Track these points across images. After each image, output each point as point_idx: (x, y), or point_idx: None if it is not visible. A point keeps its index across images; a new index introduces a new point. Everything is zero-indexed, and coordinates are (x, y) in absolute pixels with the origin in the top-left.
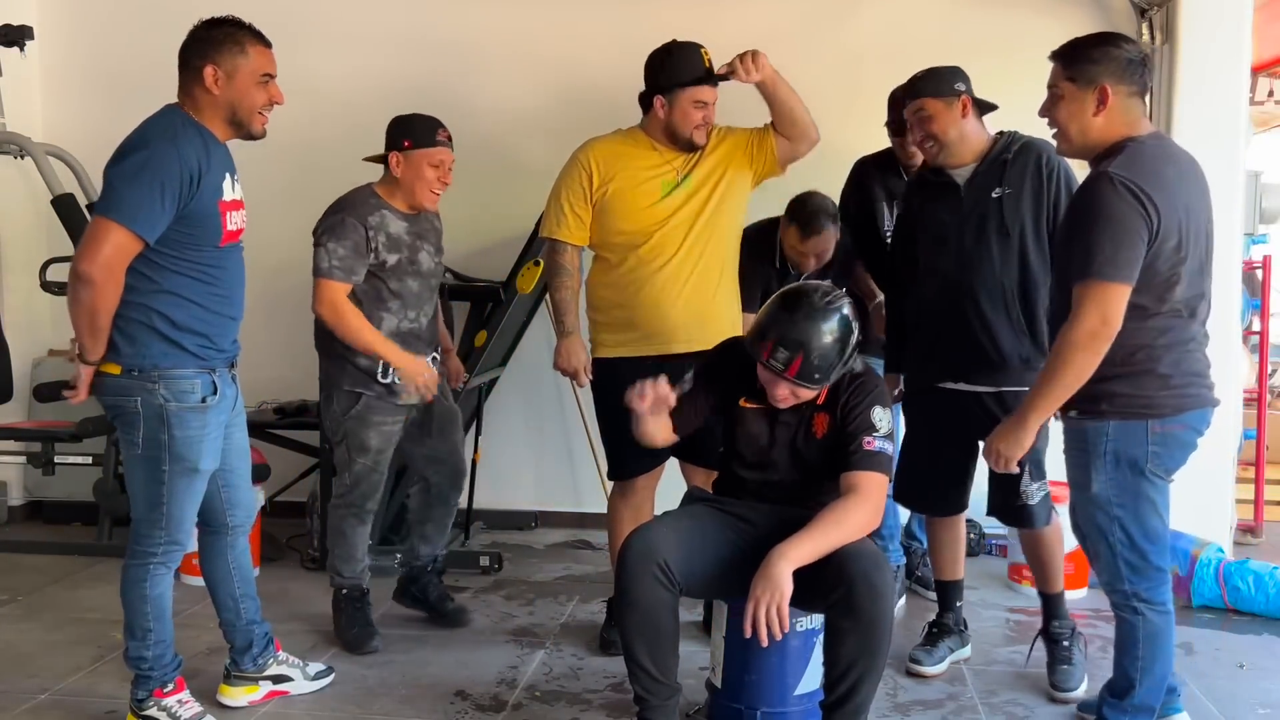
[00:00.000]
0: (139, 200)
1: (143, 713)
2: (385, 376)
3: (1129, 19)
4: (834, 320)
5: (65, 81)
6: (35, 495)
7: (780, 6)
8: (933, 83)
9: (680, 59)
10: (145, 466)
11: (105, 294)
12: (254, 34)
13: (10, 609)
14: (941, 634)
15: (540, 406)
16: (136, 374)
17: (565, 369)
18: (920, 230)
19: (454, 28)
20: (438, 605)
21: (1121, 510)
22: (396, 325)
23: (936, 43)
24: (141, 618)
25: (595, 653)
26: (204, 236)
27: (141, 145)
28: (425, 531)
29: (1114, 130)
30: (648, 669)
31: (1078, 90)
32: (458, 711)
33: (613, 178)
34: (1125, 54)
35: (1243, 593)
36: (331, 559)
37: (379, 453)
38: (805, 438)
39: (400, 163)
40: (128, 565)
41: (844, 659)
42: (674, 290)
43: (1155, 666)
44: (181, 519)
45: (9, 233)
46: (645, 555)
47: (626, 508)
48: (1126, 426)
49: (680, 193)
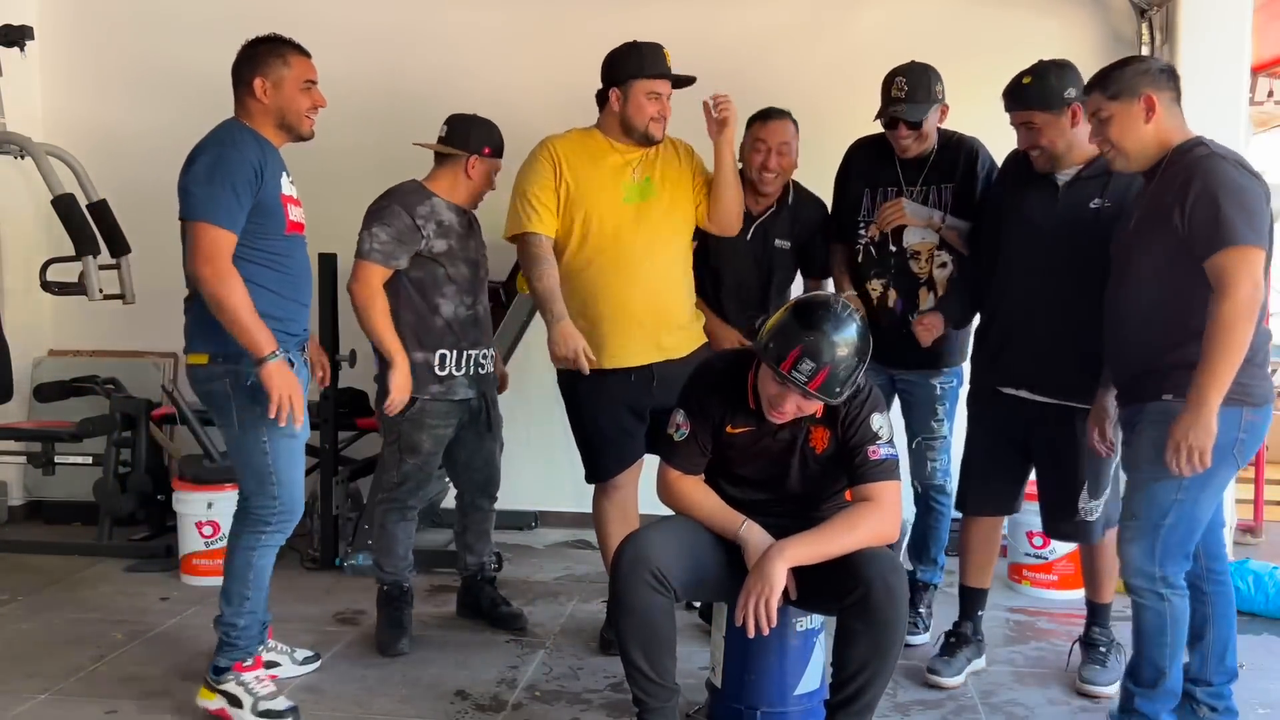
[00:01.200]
0: (216, 197)
1: (220, 686)
2: (442, 369)
3: (1129, 19)
4: (854, 331)
5: (65, 81)
6: (35, 495)
7: (780, 6)
8: (1040, 91)
9: (641, 53)
10: (247, 442)
11: (231, 287)
12: (294, 46)
13: (10, 609)
14: (960, 644)
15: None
16: (222, 359)
17: (564, 354)
18: (1008, 224)
19: (453, 27)
20: (491, 611)
21: (1186, 494)
22: (454, 311)
23: (936, 43)
24: (242, 584)
25: (595, 653)
26: (271, 227)
27: (205, 151)
28: (467, 540)
29: (1168, 134)
30: (645, 672)
31: (1122, 105)
32: (458, 711)
33: (575, 171)
34: (1154, 64)
35: (1243, 593)
36: (374, 552)
37: (430, 455)
38: (804, 454)
39: (475, 166)
40: (239, 532)
41: (855, 660)
42: (635, 293)
43: (1180, 650)
44: (291, 483)
45: (9, 233)
46: (638, 561)
47: (612, 507)
48: (1224, 413)
49: (641, 196)
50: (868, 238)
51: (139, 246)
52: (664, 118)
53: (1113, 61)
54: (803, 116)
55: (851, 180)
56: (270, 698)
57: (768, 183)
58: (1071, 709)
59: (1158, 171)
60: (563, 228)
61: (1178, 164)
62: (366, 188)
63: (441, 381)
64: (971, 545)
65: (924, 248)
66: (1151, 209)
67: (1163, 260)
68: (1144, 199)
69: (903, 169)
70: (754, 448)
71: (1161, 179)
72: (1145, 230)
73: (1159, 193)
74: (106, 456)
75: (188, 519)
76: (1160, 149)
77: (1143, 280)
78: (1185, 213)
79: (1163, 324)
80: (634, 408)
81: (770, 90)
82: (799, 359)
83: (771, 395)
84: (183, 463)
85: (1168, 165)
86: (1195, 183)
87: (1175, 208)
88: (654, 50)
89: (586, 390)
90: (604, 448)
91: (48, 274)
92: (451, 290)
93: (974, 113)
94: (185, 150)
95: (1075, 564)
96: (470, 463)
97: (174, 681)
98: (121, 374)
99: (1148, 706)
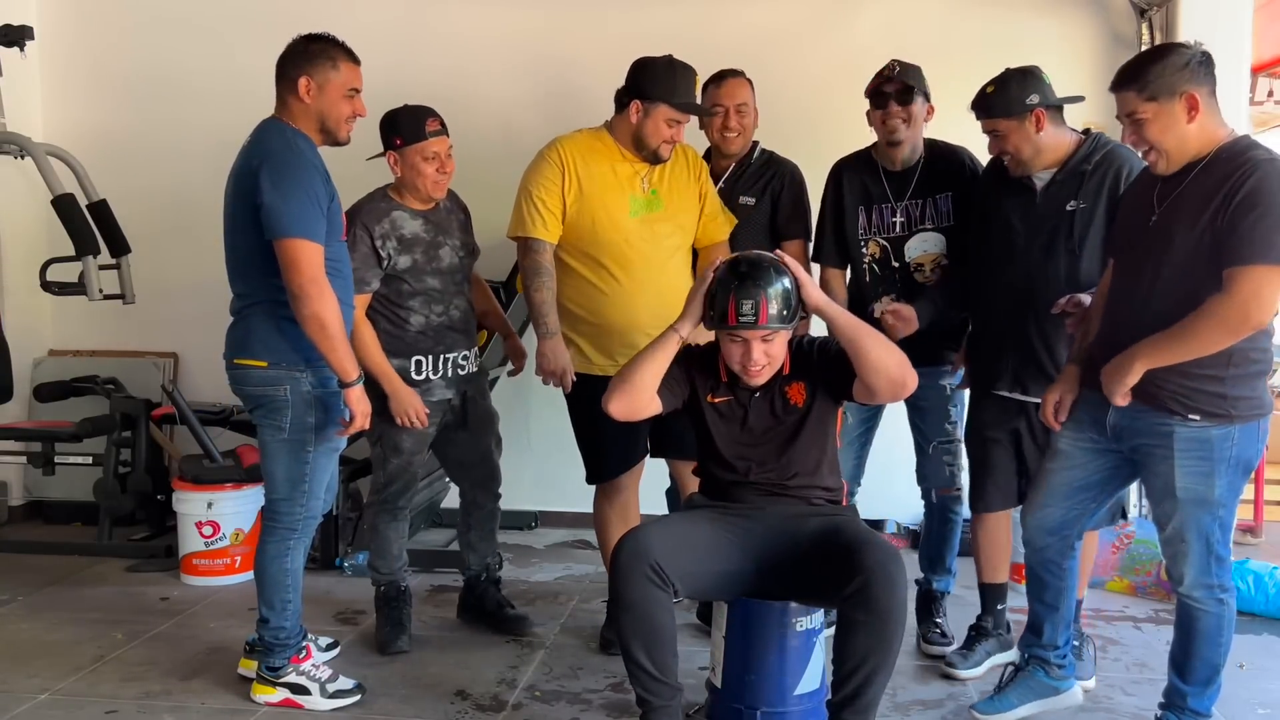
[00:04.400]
0: (303, 212)
1: (281, 680)
2: (419, 373)
3: (1129, 19)
4: (770, 264)
5: (65, 81)
6: (35, 495)
7: (780, 6)
8: (1002, 100)
9: (675, 76)
10: (290, 449)
11: (330, 306)
12: (346, 51)
13: (10, 609)
14: (980, 637)
15: (540, 406)
16: (285, 365)
17: (550, 370)
18: (991, 230)
19: (452, 26)
20: (496, 614)
21: (1225, 510)
22: (426, 321)
23: (936, 43)
24: (283, 590)
25: (595, 653)
26: (333, 232)
27: (270, 163)
28: (470, 540)
29: (1213, 132)
30: (647, 669)
31: (1162, 106)
32: (458, 711)
33: (584, 177)
34: (1193, 55)
35: (1243, 593)
36: (368, 553)
37: (412, 453)
38: (785, 410)
39: (397, 161)
40: (268, 543)
41: (856, 653)
42: (641, 302)
43: (1230, 645)
44: (317, 493)
45: (9, 233)
46: (637, 555)
47: (612, 509)
48: (1248, 429)
49: (648, 208)
50: (869, 255)
51: (139, 246)
52: (675, 142)
53: (1140, 54)
54: (803, 116)
55: (845, 199)
56: (333, 679)
57: (730, 143)
58: (1071, 709)
59: (1194, 169)
60: (569, 229)
61: (1230, 162)
62: (366, 188)
63: (418, 385)
64: (984, 542)
65: (927, 259)
66: (1191, 207)
67: (1197, 260)
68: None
69: (891, 183)
70: (735, 415)
71: (1204, 175)
72: (1177, 228)
73: (1198, 191)
74: (106, 456)
75: (188, 519)
76: (1202, 145)
77: (1167, 280)
78: (1227, 211)
79: None
80: None
81: (770, 90)
82: (738, 306)
83: (738, 356)
84: (183, 463)
85: (1213, 163)
86: (1248, 183)
87: (1218, 204)
88: (688, 78)
89: (590, 392)
90: (606, 449)
91: (48, 274)
92: (418, 302)
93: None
94: (185, 150)
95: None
96: (465, 460)
97: (174, 682)
98: (121, 374)
99: (1201, 704)
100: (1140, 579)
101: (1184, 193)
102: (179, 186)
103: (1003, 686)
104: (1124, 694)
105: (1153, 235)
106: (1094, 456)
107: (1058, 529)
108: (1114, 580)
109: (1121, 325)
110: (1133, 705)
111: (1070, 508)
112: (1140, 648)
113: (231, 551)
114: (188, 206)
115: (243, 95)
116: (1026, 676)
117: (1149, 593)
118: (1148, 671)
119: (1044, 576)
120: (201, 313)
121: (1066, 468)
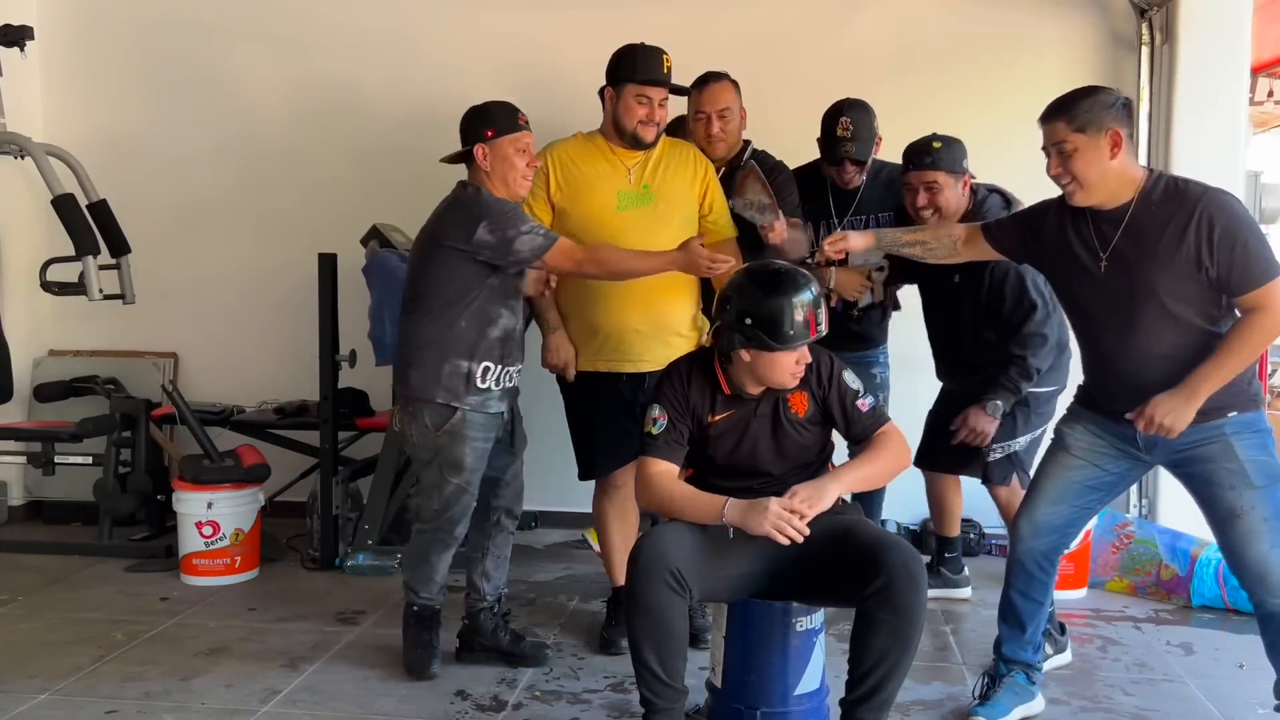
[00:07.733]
0: None
1: None
2: (483, 382)
3: (1129, 19)
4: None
5: (65, 81)
6: (35, 495)
7: (780, 6)
8: (950, 158)
9: (636, 56)
10: None
11: None
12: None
13: (10, 609)
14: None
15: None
16: None
17: (555, 364)
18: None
19: (455, 29)
20: (513, 648)
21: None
22: (507, 325)
23: (936, 43)
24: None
25: (595, 652)
26: None
27: None
28: (485, 567)
29: (1132, 170)
30: (656, 672)
31: (1089, 139)
32: (458, 712)
33: (569, 174)
34: (1117, 98)
35: (1243, 593)
36: (408, 576)
37: (473, 471)
38: (786, 418)
39: (487, 154)
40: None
41: (876, 651)
42: (632, 300)
43: None
44: None
45: (9, 233)
46: (657, 560)
47: (611, 507)
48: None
49: (638, 203)
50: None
51: (138, 246)
52: (654, 122)
53: (1071, 91)
54: (802, 117)
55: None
56: None
57: (714, 148)
58: (1071, 709)
59: (1125, 214)
60: (559, 228)
61: (1177, 203)
62: (366, 188)
63: (480, 393)
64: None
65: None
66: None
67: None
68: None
69: (835, 199)
70: (738, 429)
71: (1145, 218)
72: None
73: (1151, 234)
74: (106, 456)
75: (188, 519)
76: (1121, 184)
77: (1151, 319)
78: (1214, 254)
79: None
80: (631, 408)
81: (770, 90)
82: (790, 322)
83: (785, 366)
84: (183, 463)
85: (1150, 204)
86: (1218, 223)
87: (1194, 250)
88: (651, 55)
89: (584, 389)
90: (598, 445)
91: (48, 274)
92: (509, 308)
93: (972, 113)
94: (185, 150)
95: (1075, 564)
96: (500, 478)
97: (174, 681)
98: (121, 374)
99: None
100: (1140, 579)
101: (1132, 236)
102: (179, 186)
103: (989, 693)
104: (1124, 694)
105: (1110, 286)
106: (1113, 460)
107: (1062, 526)
108: (1114, 580)
109: (1124, 374)
110: (1133, 705)
111: (1079, 507)
112: (1140, 648)
113: (231, 551)
114: (188, 206)
115: (243, 96)
116: (1010, 682)
117: (1149, 593)
118: (1148, 671)
119: (1035, 572)
120: (201, 313)
121: (1079, 467)
